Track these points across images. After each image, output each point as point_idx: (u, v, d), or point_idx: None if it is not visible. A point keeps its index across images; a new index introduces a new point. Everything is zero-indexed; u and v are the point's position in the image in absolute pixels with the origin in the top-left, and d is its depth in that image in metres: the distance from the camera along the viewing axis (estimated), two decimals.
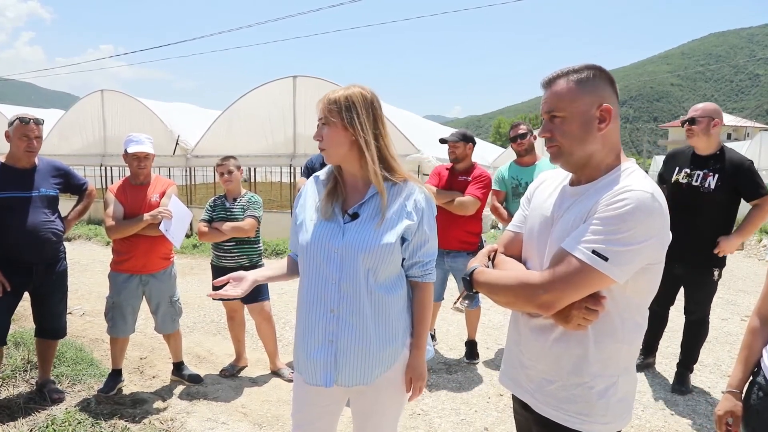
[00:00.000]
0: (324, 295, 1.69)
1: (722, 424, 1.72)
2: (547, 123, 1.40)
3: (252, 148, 10.31)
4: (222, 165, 3.86)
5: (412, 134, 9.41)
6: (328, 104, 1.67)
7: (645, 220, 1.24)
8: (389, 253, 1.66)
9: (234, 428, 3.20)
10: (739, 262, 9.45)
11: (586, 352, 1.36)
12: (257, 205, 3.88)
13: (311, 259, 1.71)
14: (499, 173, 4.36)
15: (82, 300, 6.01)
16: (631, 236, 1.23)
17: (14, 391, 3.49)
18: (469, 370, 4.13)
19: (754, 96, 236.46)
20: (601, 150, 1.38)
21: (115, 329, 3.55)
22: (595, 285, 1.28)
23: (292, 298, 5.99)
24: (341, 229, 1.68)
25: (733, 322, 5.50)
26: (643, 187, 1.27)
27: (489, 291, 1.47)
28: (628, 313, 1.36)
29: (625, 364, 1.41)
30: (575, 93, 1.35)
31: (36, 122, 3.23)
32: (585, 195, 1.38)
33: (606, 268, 1.24)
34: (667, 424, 3.29)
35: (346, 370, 1.70)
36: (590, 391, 1.37)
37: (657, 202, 1.26)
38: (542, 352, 1.45)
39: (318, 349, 1.71)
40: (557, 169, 1.55)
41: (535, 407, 1.48)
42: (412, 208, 1.70)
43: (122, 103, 12.06)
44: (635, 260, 1.26)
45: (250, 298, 3.83)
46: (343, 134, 1.67)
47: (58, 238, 3.36)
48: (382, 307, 1.70)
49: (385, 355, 1.73)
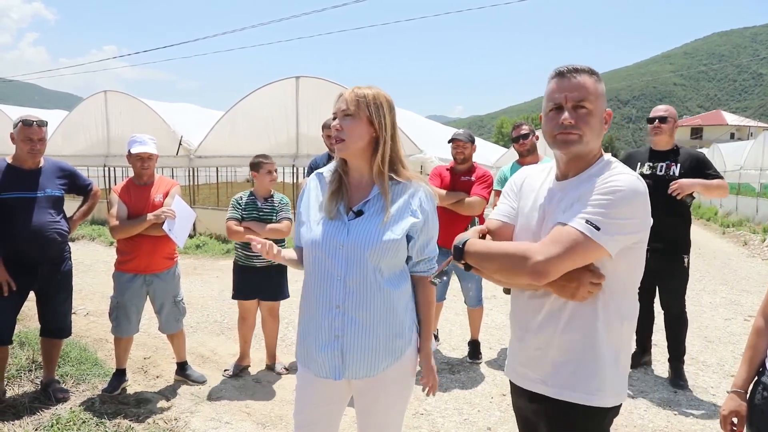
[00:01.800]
0: (329, 291, 1.72)
1: (727, 424, 1.73)
2: (571, 111, 1.45)
3: (255, 148, 10.24)
4: (270, 163, 3.83)
5: (414, 134, 9.40)
6: (356, 97, 1.72)
7: (634, 198, 1.38)
8: (395, 249, 1.71)
9: (237, 428, 3.20)
10: (743, 261, 9.43)
11: (595, 330, 1.45)
12: (289, 206, 3.93)
13: (316, 255, 1.74)
14: (502, 173, 4.36)
15: (86, 300, 6.03)
16: (620, 212, 1.37)
17: (19, 390, 3.50)
18: (472, 370, 4.13)
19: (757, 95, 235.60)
20: (597, 147, 1.53)
21: (119, 329, 3.57)
22: (588, 254, 1.37)
23: (294, 297, 5.99)
24: (346, 226, 1.71)
25: (736, 322, 5.49)
26: (629, 172, 1.45)
27: (481, 259, 1.49)
28: (623, 291, 1.48)
29: (627, 339, 1.53)
30: (599, 92, 1.47)
31: (39, 124, 3.24)
32: (572, 186, 1.49)
33: (598, 236, 1.35)
34: (671, 424, 3.29)
35: (353, 363, 1.73)
36: (602, 366, 1.46)
37: (643, 185, 1.43)
38: (553, 339, 1.50)
39: (325, 344, 1.74)
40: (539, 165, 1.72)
41: (550, 394, 1.52)
42: (417, 207, 1.75)
43: (125, 104, 12.08)
44: (624, 232, 1.37)
45: (273, 295, 3.96)
46: (366, 129, 1.72)
47: (63, 239, 3.38)
48: (390, 301, 1.74)
49: (392, 348, 1.76)
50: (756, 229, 12.54)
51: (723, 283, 7.52)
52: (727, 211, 16.57)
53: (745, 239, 11.55)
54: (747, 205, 15.26)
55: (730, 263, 9.14)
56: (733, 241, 11.99)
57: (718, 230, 13.74)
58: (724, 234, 13.14)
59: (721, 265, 9.00)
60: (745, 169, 16.28)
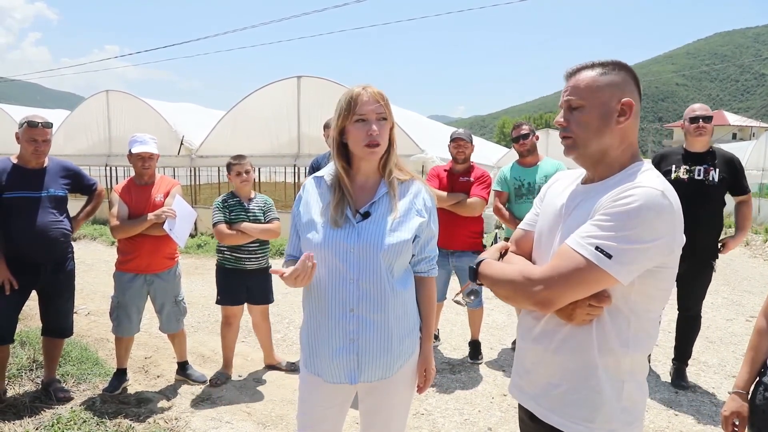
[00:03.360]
0: (342, 295, 1.68)
1: (728, 425, 1.72)
2: (566, 112, 1.37)
3: (256, 148, 10.30)
4: (239, 164, 3.72)
5: (416, 134, 9.39)
6: (383, 100, 1.67)
7: (653, 218, 1.18)
8: (406, 249, 1.71)
9: (238, 428, 3.20)
10: (744, 262, 9.41)
11: (591, 357, 1.31)
12: (273, 206, 3.91)
13: (325, 259, 1.68)
14: (502, 174, 4.35)
15: (87, 300, 6.03)
16: (637, 234, 1.18)
17: (20, 389, 3.51)
18: (472, 370, 4.13)
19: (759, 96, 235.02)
20: (617, 146, 1.33)
21: (119, 329, 3.57)
22: (597, 284, 1.23)
23: (296, 298, 6.00)
24: (355, 228, 1.68)
25: (738, 323, 5.48)
26: (653, 184, 1.22)
27: (491, 283, 1.44)
28: (634, 318, 1.29)
29: (631, 370, 1.33)
30: (598, 83, 1.32)
31: (45, 126, 3.24)
32: (595, 192, 1.33)
33: (609, 266, 1.19)
34: (671, 425, 3.28)
35: (369, 367, 1.71)
36: (596, 395, 1.31)
37: (667, 200, 1.20)
38: (545, 357, 1.40)
39: (339, 349, 1.70)
40: (574, 169, 1.52)
41: (539, 414, 1.42)
42: (422, 206, 1.75)
43: (127, 104, 12.10)
44: (640, 260, 1.20)
45: (265, 298, 3.96)
46: (390, 131, 1.72)
47: (66, 238, 3.38)
48: (401, 301, 1.74)
49: (405, 348, 1.77)
50: (758, 229, 12.51)
51: (725, 283, 7.50)
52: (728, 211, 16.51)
53: (746, 239, 11.52)
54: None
55: (732, 264, 9.12)
56: None
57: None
58: (726, 234, 13.08)
59: (723, 265, 8.96)
60: (747, 169, 16.07)
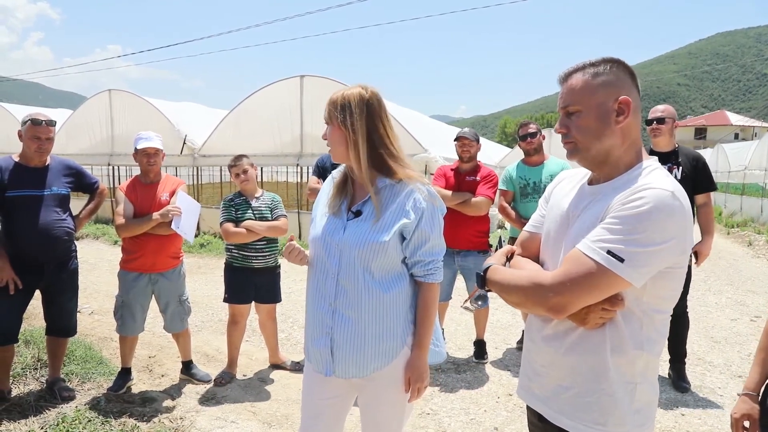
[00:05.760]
0: (324, 288, 1.77)
1: (739, 427, 1.70)
2: (563, 118, 1.37)
3: (259, 147, 10.31)
4: (236, 165, 3.76)
5: (419, 134, 9.39)
6: (328, 105, 1.77)
7: (664, 220, 1.18)
8: (383, 251, 1.69)
9: (243, 427, 3.20)
10: (748, 262, 9.40)
11: (603, 359, 1.30)
12: (281, 203, 3.91)
13: (317, 253, 1.80)
14: (507, 173, 4.34)
15: (91, 299, 6.03)
16: (648, 237, 1.17)
17: (25, 389, 3.50)
18: (477, 370, 4.12)
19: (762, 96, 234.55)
20: (620, 146, 1.33)
21: (124, 328, 3.57)
22: (610, 288, 1.22)
23: (299, 297, 6.00)
24: (344, 225, 1.75)
25: (742, 323, 5.47)
26: (662, 185, 1.21)
27: (501, 290, 1.42)
28: (647, 319, 1.29)
29: (643, 371, 1.32)
30: (591, 85, 1.31)
31: (48, 124, 3.25)
32: (603, 194, 1.33)
33: (622, 269, 1.18)
34: (678, 425, 3.27)
35: (342, 361, 1.75)
36: (608, 398, 1.30)
37: (677, 200, 1.20)
38: (555, 359, 1.39)
39: (317, 339, 1.78)
40: (578, 168, 1.51)
41: (548, 416, 1.41)
42: (411, 207, 1.70)
43: (130, 103, 12.11)
44: (653, 262, 1.20)
45: (272, 297, 3.97)
46: (339, 133, 1.74)
47: (69, 237, 3.38)
48: (379, 303, 1.72)
49: (382, 350, 1.74)
50: (761, 229, 12.50)
51: (728, 283, 7.50)
52: (731, 211, 16.52)
53: (749, 239, 11.49)
54: (751, 206, 15.21)
55: (735, 264, 9.11)
56: (738, 241, 11.95)
57: (723, 230, 13.68)
58: (728, 234, 13.09)
59: (726, 265, 8.97)
60: (749, 169, 16.22)
